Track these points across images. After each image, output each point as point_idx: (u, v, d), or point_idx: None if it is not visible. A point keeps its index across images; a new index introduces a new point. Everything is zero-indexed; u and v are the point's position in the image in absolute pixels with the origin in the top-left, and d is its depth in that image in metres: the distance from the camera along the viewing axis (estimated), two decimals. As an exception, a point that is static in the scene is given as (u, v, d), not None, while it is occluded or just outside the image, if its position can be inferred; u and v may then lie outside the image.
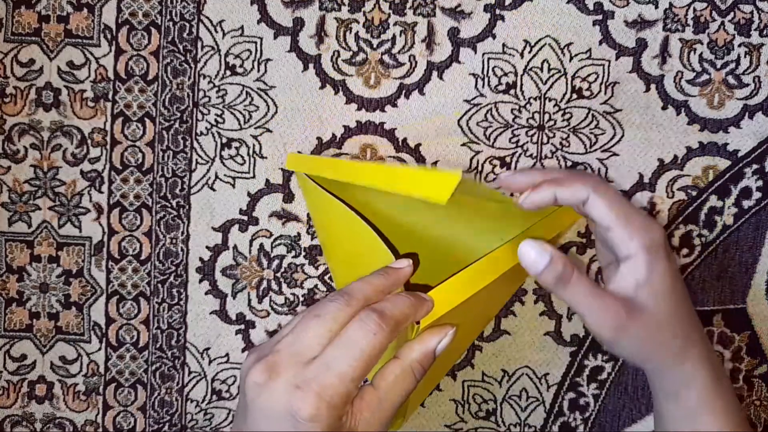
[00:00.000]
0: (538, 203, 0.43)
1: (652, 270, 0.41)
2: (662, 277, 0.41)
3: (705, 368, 0.42)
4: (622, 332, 0.40)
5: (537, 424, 0.58)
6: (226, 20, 0.56)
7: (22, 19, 0.56)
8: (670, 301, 0.41)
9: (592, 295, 0.40)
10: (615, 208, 0.41)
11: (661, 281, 0.41)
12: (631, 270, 0.41)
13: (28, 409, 0.59)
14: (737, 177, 0.56)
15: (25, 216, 0.57)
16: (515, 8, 0.55)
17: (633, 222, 0.41)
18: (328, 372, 0.32)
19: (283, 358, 0.33)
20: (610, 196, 0.42)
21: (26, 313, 0.58)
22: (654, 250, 0.41)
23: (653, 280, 0.41)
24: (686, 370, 0.42)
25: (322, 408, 0.32)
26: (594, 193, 0.42)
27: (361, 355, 0.33)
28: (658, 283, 0.41)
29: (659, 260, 0.41)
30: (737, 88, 0.55)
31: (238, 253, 0.57)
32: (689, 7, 0.54)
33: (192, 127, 0.56)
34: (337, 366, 0.32)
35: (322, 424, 0.32)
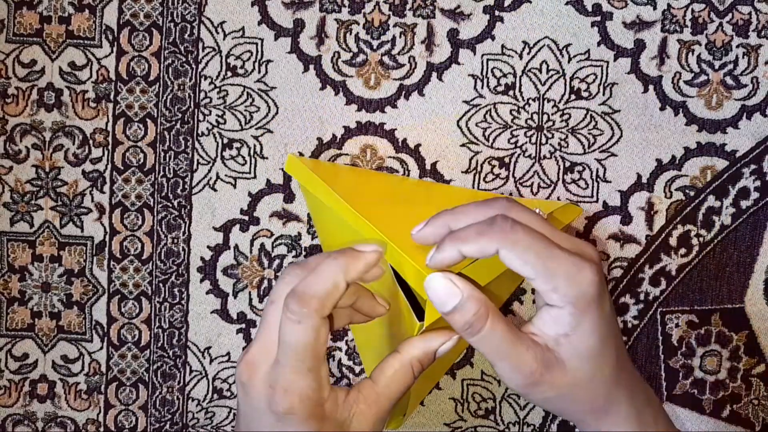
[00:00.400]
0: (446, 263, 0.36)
1: (576, 326, 0.35)
2: (588, 335, 0.35)
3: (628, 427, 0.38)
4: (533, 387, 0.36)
5: (536, 422, 0.59)
6: (227, 21, 0.56)
7: (24, 20, 0.56)
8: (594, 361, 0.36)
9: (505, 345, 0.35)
10: (532, 260, 0.34)
11: (585, 339, 0.35)
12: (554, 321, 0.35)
13: (29, 408, 0.59)
14: (735, 177, 0.56)
15: (27, 216, 0.58)
16: (514, 10, 0.55)
17: (557, 272, 0.34)
18: (284, 370, 0.34)
19: (255, 355, 0.35)
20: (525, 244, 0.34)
21: (28, 312, 0.58)
22: (582, 305, 0.35)
23: (577, 337, 0.35)
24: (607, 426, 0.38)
25: (294, 401, 0.34)
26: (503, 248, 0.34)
27: (299, 348, 0.34)
28: (582, 341, 0.35)
29: (588, 315, 0.35)
30: (735, 88, 0.55)
31: (239, 253, 0.58)
32: (687, 8, 0.55)
33: (193, 127, 0.57)
34: (286, 363, 0.34)
35: (300, 415, 0.34)
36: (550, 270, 0.34)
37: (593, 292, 0.35)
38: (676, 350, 0.57)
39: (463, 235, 0.35)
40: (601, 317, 0.35)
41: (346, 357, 0.58)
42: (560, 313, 0.35)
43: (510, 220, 0.35)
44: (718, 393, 0.58)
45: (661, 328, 0.57)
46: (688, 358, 0.57)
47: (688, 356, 0.57)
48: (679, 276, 0.57)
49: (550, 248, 0.34)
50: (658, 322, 0.57)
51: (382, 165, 0.56)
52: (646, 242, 0.56)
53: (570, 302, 0.35)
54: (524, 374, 0.35)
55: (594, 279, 0.35)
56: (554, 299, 0.35)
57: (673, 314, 0.57)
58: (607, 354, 0.36)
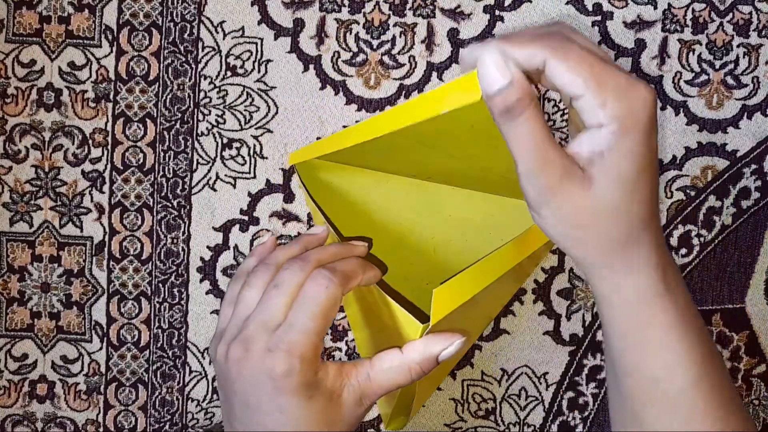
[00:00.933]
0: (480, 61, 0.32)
1: (615, 146, 0.32)
2: (625, 158, 0.32)
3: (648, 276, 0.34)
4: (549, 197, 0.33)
5: (536, 423, 0.59)
6: (227, 21, 0.56)
7: (23, 20, 0.56)
8: (624, 189, 0.32)
9: (534, 139, 0.32)
10: (583, 71, 0.31)
11: (620, 162, 0.32)
12: (592, 139, 0.32)
13: (29, 409, 0.59)
14: (736, 177, 0.56)
15: (27, 216, 0.58)
16: (514, 9, 0.55)
17: (608, 85, 0.31)
18: (292, 330, 0.35)
19: (253, 331, 0.36)
20: (576, 55, 0.31)
21: (27, 312, 0.58)
22: (628, 124, 0.31)
23: (612, 159, 0.32)
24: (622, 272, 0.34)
25: (294, 362, 0.35)
26: (553, 58, 0.31)
27: (318, 308, 0.36)
28: (619, 164, 0.32)
29: (631, 136, 0.32)
30: (736, 88, 0.55)
31: (239, 253, 0.58)
32: (688, 7, 0.55)
33: (193, 127, 0.57)
34: (298, 323, 0.35)
35: (296, 378, 0.35)
36: (602, 82, 0.31)
37: (645, 113, 0.32)
38: (676, 350, 0.57)
39: (515, 37, 0.32)
40: (644, 143, 0.32)
41: (346, 357, 0.58)
42: (601, 131, 0.32)
43: (566, 35, 0.32)
44: (718, 393, 0.58)
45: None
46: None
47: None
48: (680, 276, 0.57)
49: (604, 63, 0.31)
50: (658, 323, 0.57)
51: (382, 165, 0.56)
52: (647, 242, 0.56)
53: (616, 118, 0.31)
54: (544, 173, 0.32)
55: (648, 98, 0.32)
56: (600, 116, 0.31)
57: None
58: (641, 188, 0.33)
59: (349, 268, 0.39)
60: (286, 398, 0.35)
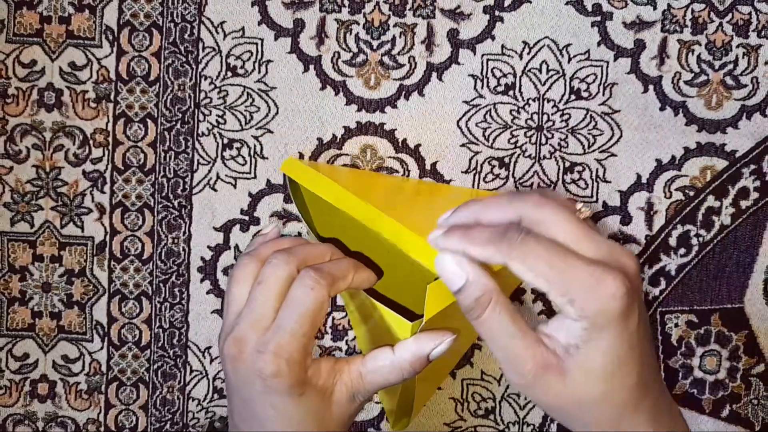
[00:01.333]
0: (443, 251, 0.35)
1: (589, 341, 0.32)
2: (602, 353, 0.32)
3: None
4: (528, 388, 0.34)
5: (536, 422, 0.59)
6: (227, 21, 0.56)
7: (24, 20, 0.56)
8: (605, 382, 0.33)
9: (504, 337, 0.33)
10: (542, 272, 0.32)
11: (597, 357, 0.32)
12: (566, 330, 0.33)
13: (30, 408, 0.59)
14: (735, 177, 0.56)
15: (28, 216, 0.58)
16: (514, 10, 0.55)
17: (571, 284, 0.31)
18: (279, 332, 0.36)
19: (244, 330, 0.37)
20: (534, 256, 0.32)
21: (28, 312, 0.59)
22: (600, 322, 0.32)
23: (587, 352, 0.32)
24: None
25: (282, 364, 0.36)
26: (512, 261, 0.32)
27: (305, 311, 0.36)
28: (593, 359, 0.32)
29: (605, 333, 0.32)
30: (735, 88, 0.55)
31: (240, 253, 0.58)
32: (687, 8, 0.55)
33: (193, 127, 0.57)
34: (286, 325, 0.36)
35: (285, 378, 0.36)
36: (566, 281, 0.31)
37: (615, 308, 0.31)
38: (675, 350, 0.57)
39: (475, 238, 0.33)
40: (621, 335, 0.32)
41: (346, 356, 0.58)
42: (573, 324, 0.32)
43: (522, 231, 0.33)
44: (717, 393, 0.58)
45: (660, 328, 0.57)
46: (687, 358, 0.58)
47: (688, 356, 0.58)
48: (679, 276, 0.57)
49: (565, 258, 0.32)
50: (657, 322, 0.57)
51: (382, 165, 0.57)
52: (646, 242, 0.56)
53: (586, 317, 0.32)
54: (518, 371, 0.33)
55: (617, 293, 0.31)
56: (570, 312, 0.32)
57: (673, 314, 0.57)
58: (624, 375, 0.33)
59: (339, 269, 0.39)
60: (277, 397, 0.36)
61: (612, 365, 0.32)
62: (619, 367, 0.33)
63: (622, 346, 0.32)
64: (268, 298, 0.37)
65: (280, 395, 0.36)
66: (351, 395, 0.38)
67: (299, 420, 0.37)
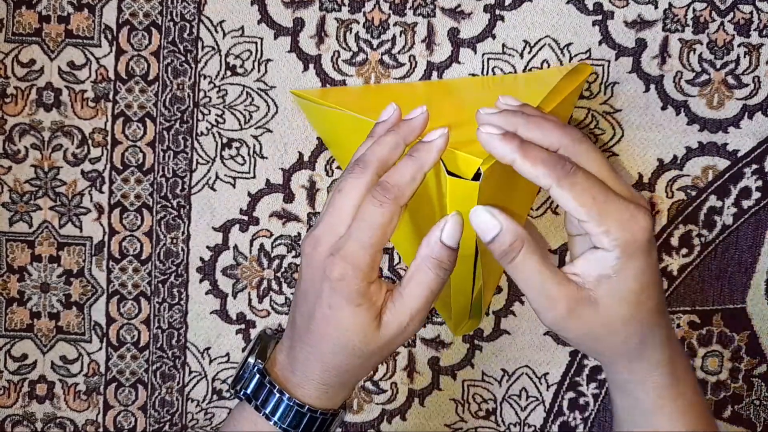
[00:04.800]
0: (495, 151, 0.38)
1: (621, 270, 0.37)
2: (631, 279, 0.37)
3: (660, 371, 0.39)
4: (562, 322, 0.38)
5: (537, 423, 0.58)
6: (227, 20, 0.56)
7: (23, 20, 0.56)
8: (632, 305, 0.37)
9: (537, 277, 0.37)
10: (588, 203, 0.36)
11: (627, 283, 0.37)
12: (599, 262, 0.37)
13: (28, 409, 0.59)
14: (737, 177, 0.56)
15: (26, 216, 0.58)
16: (515, 8, 0.55)
17: (610, 216, 0.36)
18: (350, 241, 0.38)
19: (322, 231, 0.39)
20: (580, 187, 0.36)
21: (27, 312, 0.58)
22: (630, 251, 0.36)
23: (619, 281, 0.37)
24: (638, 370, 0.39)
25: (348, 269, 0.37)
26: (561, 188, 0.36)
27: (374, 225, 0.38)
28: (625, 285, 0.37)
29: (634, 261, 0.37)
30: (737, 88, 0.55)
31: (239, 253, 0.57)
32: (689, 7, 0.55)
33: (192, 127, 0.57)
34: (356, 236, 0.38)
35: (349, 283, 0.38)
36: (604, 213, 0.36)
37: (644, 239, 0.36)
38: (677, 351, 0.57)
39: (530, 153, 0.37)
40: (646, 264, 0.37)
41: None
42: (606, 255, 0.36)
43: (573, 165, 0.36)
44: (719, 393, 0.58)
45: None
46: (689, 358, 0.57)
47: (690, 357, 0.57)
48: (681, 276, 0.57)
49: (606, 193, 0.36)
50: (659, 323, 0.57)
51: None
52: (648, 242, 0.56)
53: (619, 246, 0.36)
54: (552, 309, 0.37)
55: (646, 226, 0.36)
56: (604, 242, 0.36)
57: (675, 314, 0.57)
58: (647, 300, 0.38)
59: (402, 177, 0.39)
60: (336, 299, 0.38)
61: (639, 288, 0.37)
62: (643, 290, 0.37)
63: (646, 272, 0.37)
64: (344, 205, 0.39)
65: (339, 299, 0.38)
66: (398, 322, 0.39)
67: (347, 329, 0.38)
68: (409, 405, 0.59)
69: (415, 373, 0.58)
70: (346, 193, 0.39)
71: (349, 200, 0.39)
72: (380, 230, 0.38)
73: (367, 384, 0.58)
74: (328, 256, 0.38)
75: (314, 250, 0.39)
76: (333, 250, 0.38)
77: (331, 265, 0.38)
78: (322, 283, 0.38)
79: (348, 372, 0.40)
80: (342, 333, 0.39)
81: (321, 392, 0.41)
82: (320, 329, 0.39)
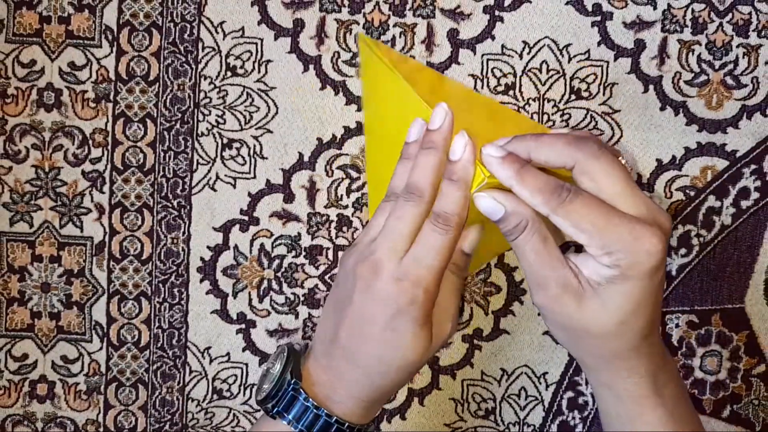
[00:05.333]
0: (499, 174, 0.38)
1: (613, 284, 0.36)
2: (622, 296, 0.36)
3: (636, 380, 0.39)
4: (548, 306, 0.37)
5: (536, 423, 0.59)
6: (227, 21, 0.56)
7: (24, 20, 0.56)
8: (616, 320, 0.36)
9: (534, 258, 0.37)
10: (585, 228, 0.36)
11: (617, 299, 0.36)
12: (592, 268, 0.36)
13: (29, 409, 0.59)
14: (735, 177, 0.56)
15: (27, 216, 0.58)
16: (514, 10, 0.55)
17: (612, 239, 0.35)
18: (418, 266, 0.39)
19: (382, 255, 0.39)
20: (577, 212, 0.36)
21: (27, 312, 0.58)
22: (631, 273, 0.35)
23: (609, 293, 0.36)
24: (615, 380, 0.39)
25: (419, 293, 0.39)
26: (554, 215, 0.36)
27: (440, 251, 0.39)
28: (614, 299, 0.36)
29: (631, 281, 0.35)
30: (735, 88, 0.55)
31: (239, 253, 0.58)
32: (687, 8, 0.55)
33: (193, 127, 0.57)
34: (424, 260, 0.39)
35: (419, 307, 0.39)
36: (605, 238, 0.35)
37: (648, 263, 0.35)
38: (676, 350, 0.57)
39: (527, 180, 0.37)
40: (644, 286, 0.36)
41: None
42: (602, 268, 0.36)
43: (571, 191, 0.36)
44: (718, 393, 0.58)
45: (661, 329, 0.57)
46: (688, 358, 0.57)
47: (689, 356, 0.57)
48: (680, 276, 0.57)
49: (608, 217, 0.35)
50: (658, 323, 0.57)
51: (382, 165, 0.56)
52: (647, 242, 0.56)
53: (618, 267, 0.35)
54: (542, 290, 0.37)
55: (652, 250, 0.35)
56: (603, 260, 0.35)
57: (674, 314, 0.57)
58: (636, 319, 0.36)
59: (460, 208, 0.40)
60: (403, 322, 0.39)
61: (628, 308, 0.36)
62: (634, 310, 0.36)
63: (641, 294, 0.36)
64: (404, 231, 0.39)
65: (406, 323, 0.39)
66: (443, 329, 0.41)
67: (408, 348, 0.39)
68: (409, 404, 0.59)
69: (414, 372, 0.58)
70: (406, 220, 0.40)
71: (408, 227, 0.39)
72: (445, 255, 0.39)
73: (367, 384, 0.59)
74: (395, 281, 0.39)
75: (375, 275, 0.39)
76: (400, 275, 0.39)
77: (401, 290, 0.38)
78: (387, 308, 0.39)
79: (394, 388, 0.42)
80: (402, 354, 0.40)
81: (363, 409, 0.41)
82: (377, 351, 0.40)
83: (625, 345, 0.37)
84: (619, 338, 0.37)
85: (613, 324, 0.36)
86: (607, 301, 0.36)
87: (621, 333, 0.37)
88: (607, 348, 0.38)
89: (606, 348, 0.38)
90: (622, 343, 0.37)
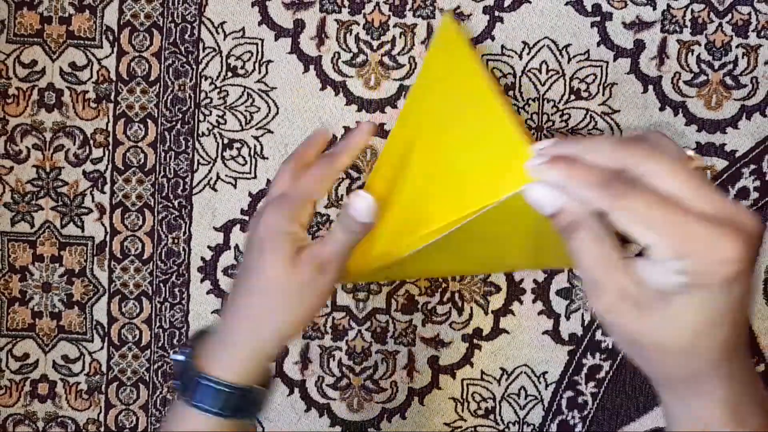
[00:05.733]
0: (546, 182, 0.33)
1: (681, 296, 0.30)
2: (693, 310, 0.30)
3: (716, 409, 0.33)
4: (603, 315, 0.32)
5: (535, 422, 0.59)
6: (228, 22, 0.56)
7: (25, 21, 0.56)
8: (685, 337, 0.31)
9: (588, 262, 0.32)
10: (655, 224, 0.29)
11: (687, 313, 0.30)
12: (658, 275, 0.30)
13: (30, 408, 0.59)
14: (735, 177, 0.56)
15: (28, 216, 0.58)
16: (514, 10, 0.55)
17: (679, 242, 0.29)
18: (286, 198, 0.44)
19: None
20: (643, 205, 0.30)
21: (29, 312, 0.59)
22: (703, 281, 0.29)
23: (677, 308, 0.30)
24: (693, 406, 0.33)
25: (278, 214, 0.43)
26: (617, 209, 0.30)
27: None
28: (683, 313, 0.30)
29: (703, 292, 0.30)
30: (735, 88, 0.55)
31: (240, 253, 0.58)
32: (687, 8, 0.55)
33: (194, 128, 0.57)
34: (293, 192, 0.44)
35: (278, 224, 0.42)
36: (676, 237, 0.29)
37: (725, 274, 0.29)
38: (675, 350, 0.57)
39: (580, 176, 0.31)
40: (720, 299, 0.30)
41: (346, 357, 0.58)
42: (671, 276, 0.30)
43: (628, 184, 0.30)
44: (717, 392, 0.58)
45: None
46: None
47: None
48: (679, 276, 0.57)
49: (677, 212, 0.29)
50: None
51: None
52: (646, 242, 0.56)
53: (689, 273, 0.29)
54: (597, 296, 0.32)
55: (731, 258, 0.29)
56: (673, 265, 0.29)
57: (673, 314, 0.57)
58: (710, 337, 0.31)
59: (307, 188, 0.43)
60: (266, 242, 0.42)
61: (698, 323, 0.30)
62: (704, 327, 0.31)
63: (717, 309, 0.30)
64: None
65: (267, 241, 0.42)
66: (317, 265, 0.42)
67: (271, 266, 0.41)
68: (409, 404, 0.59)
69: (414, 372, 0.59)
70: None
71: None
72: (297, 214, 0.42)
73: (367, 383, 0.59)
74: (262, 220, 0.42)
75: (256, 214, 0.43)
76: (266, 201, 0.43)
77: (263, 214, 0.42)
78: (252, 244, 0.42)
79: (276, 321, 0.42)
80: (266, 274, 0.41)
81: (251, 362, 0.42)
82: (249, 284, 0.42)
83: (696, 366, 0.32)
84: (688, 358, 0.32)
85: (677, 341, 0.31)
86: (671, 314, 0.30)
87: (689, 352, 0.31)
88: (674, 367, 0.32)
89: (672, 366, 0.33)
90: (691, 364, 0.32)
